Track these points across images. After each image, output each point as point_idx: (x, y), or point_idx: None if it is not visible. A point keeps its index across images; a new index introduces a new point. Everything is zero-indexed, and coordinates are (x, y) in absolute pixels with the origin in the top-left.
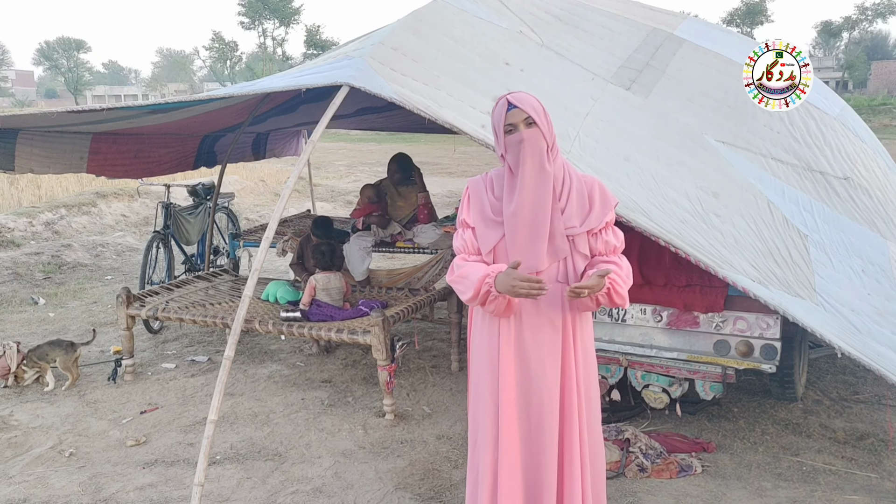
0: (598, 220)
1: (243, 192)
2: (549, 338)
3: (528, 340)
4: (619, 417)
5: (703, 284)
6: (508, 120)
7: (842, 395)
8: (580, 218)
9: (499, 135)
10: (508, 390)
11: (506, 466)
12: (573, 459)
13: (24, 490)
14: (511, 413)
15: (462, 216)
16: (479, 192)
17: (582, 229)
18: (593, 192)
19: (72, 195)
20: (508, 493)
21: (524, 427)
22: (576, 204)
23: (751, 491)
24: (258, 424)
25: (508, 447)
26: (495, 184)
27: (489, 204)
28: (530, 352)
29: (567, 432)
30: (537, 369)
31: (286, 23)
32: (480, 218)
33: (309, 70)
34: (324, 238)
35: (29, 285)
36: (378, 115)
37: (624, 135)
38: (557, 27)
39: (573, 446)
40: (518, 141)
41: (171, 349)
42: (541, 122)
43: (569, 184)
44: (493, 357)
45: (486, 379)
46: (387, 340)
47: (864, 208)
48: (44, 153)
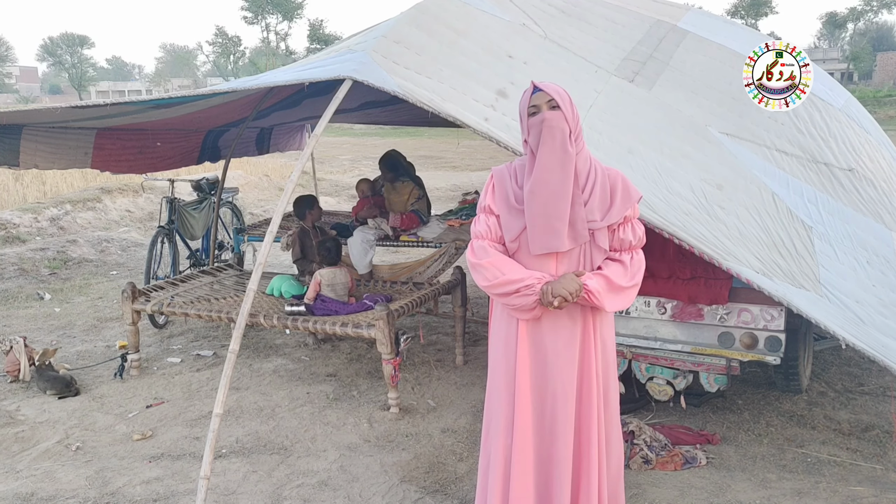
0: (619, 214)
1: (247, 187)
2: (567, 329)
3: (546, 331)
4: (623, 410)
5: (708, 276)
6: (532, 102)
7: (847, 387)
8: (602, 212)
9: (523, 118)
10: (524, 379)
11: (518, 455)
12: (591, 452)
13: (32, 484)
14: (525, 402)
15: (486, 202)
16: (503, 181)
17: (602, 224)
18: (616, 187)
19: (76, 191)
20: (519, 482)
21: (538, 417)
22: (598, 198)
23: (755, 482)
24: (263, 418)
25: (522, 436)
26: (518, 173)
27: (513, 192)
28: (547, 342)
29: (584, 425)
30: (553, 360)
31: (289, 17)
32: (505, 206)
33: (312, 64)
34: (311, 211)
35: (35, 281)
36: (381, 109)
37: (627, 127)
38: (560, 19)
39: (591, 439)
40: (540, 121)
41: (177, 344)
42: (564, 106)
43: (594, 177)
44: (511, 346)
45: (502, 367)
46: (391, 334)
47: (869, 200)
48: (48, 149)
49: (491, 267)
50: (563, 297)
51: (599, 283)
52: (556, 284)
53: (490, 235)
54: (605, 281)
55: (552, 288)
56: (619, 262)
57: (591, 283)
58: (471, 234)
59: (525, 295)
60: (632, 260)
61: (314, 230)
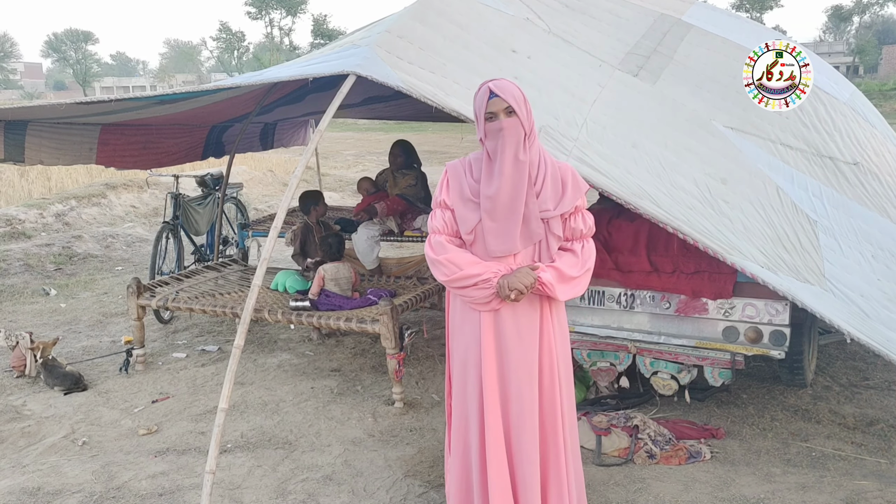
0: (570, 203)
1: (252, 183)
2: (527, 315)
3: (506, 317)
4: (627, 404)
5: (712, 271)
6: (489, 108)
7: (851, 381)
8: (554, 201)
9: (479, 120)
10: (489, 365)
11: (492, 439)
12: (556, 432)
13: (38, 479)
14: (493, 387)
15: (441, 197)
16: (458, 175)
17: (556, 212)
18: (566, 178)
19: (82, 186)
20: (495, 466)
21: (503, 401)
22: (550, 188)
23: (760, 477)
24: (268, 413)
25: (493, 421)
26: (474, 167)
27: (468, 186)
28: (508, 328)
29: (548, 405)
30: (515, 344)
31: (293, 12)
32: (460, 200)
33: (316, 59)
34: (316, 207)
35: (40, 276)
36: (385, 104)
37: (631, 121)
38: (564, 14)
39: (556, 419)
40: (498, 129)
41: (182, 339)
42: (520, 111)
43: (544, 169)
44: (475, 333)
45: (468, 354)
46: (395, 329)
47: (875, 193)
48: (53, 145)
49: (448, 263)
50: (518, 290)
51: (553, 275)
52: (511, 278)
53: (447, 230)
54: (557, 273)
55: (508, 282)
56: (571, 251)
57: (545, 276)
58: (428, 229)
59: (482, 288)
60: (583, 249)
61: (318, 225)
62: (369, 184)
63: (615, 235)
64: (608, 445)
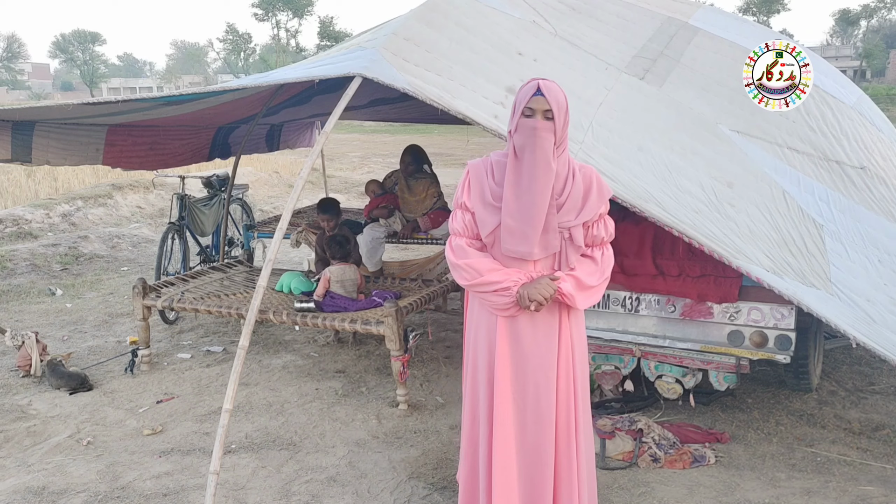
0: (594, 212)
1: (257, 184)
2: (545, 321)
3: (524, 322)
4: (632, 408)
5: (717, 275)
6: (531, 104)
7: (857, 386)
8: (576, 211)
9: (516, 112)
10: (503, 371)
11: (500, 446)
12: (570, 440)
13: (43, 478)
14: (505, 393)
15: (462, 199)
16: (479, 177)
17: (577, 221)
18: (590, 186)
19: (88, 187)
20: (502, 473)
21: (520, 408)
22: (574, 199)
23: (764, 482)
24: (273, 414)
25: (502, 427)
26: (496, 170)
27: (489, 189)
28: (526, 334)
29: (563, 413)
30: (532, 350)
31: (299, 14)
32: (480, 202)
33: (322, 61)
34: (325, 215)
35: (46, 276)
36: (391, 106)
37: (638, 124)
38: (571, 16)
39: (570, 427)
40: (531, 128)
41: (187, 339)
42: (558, 118)
43: (571, 181)
44: (491, 337)
45: (482, 358)
46: (400, 331)
47: (881, 198)
48: (60, 145)
49: (469, 268)
50: (538, 301)
51: (573, 284)
52: (531, 289)
53: (466, 232)
54: (577, 283)
55: (528, 293)
56: (591, 258)
57: (566, 287)
58: (449, 231)
59: (502, 295)
60: (602, 256)
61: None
62: (377, 186)
63: (620, 239)
64: (612, 449)
